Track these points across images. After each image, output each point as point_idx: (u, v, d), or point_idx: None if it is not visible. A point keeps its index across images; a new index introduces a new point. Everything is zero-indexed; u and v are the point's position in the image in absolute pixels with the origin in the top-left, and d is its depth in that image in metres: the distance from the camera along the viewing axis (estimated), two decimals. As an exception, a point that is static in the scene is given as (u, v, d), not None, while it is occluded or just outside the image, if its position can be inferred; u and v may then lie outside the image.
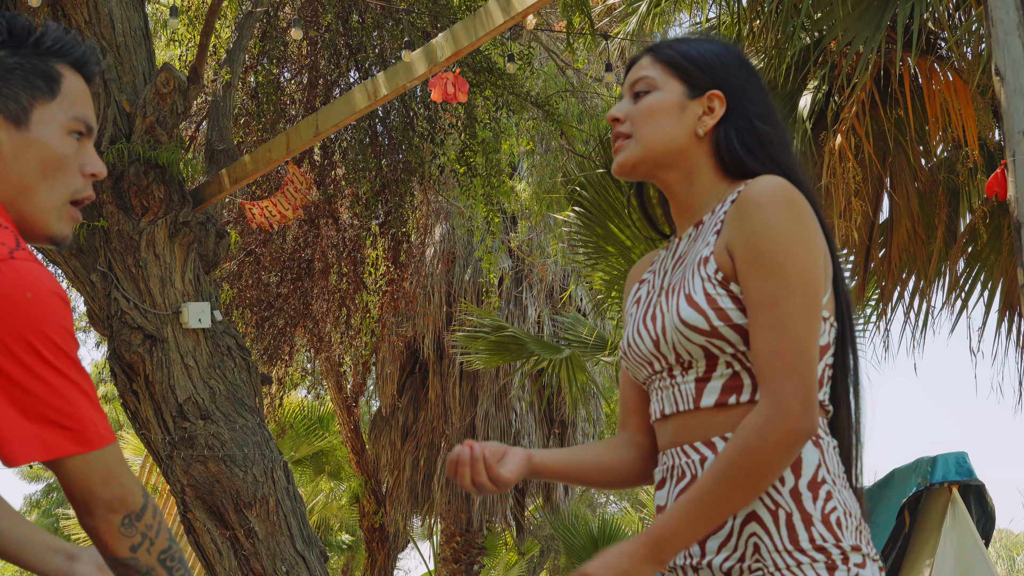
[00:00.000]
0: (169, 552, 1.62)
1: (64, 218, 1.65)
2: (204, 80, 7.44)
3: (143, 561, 1.61)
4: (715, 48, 1.93)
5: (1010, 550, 34.10)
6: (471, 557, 14.65)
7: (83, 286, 6.41)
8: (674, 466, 1.82)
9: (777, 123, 1.91)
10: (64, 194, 1.64)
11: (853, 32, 6.28)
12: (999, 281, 7.32)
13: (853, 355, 1.87)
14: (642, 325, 1.87)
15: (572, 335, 9.27)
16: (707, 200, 1.89)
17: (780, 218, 1.73)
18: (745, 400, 1.76)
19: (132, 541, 1.59)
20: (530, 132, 9.67)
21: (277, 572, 6.11)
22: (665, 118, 1.87)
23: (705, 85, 1.89)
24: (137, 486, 1.58)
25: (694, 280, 1.79)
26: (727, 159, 1.87)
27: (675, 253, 1.93)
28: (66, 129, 1.64)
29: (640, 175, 1.92)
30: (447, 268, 14.23)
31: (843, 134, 6.42)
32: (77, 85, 1.68)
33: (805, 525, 1.70)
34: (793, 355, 1.69)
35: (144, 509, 1.59)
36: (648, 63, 1.93)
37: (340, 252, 9.34)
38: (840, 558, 1.69)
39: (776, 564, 1.69)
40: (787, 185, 1.77)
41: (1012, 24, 3.88)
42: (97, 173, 1.67)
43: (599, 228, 7.68)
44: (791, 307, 1.70)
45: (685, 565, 1.80)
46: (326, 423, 17.12)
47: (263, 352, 9.78)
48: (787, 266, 1.71)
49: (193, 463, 6.09)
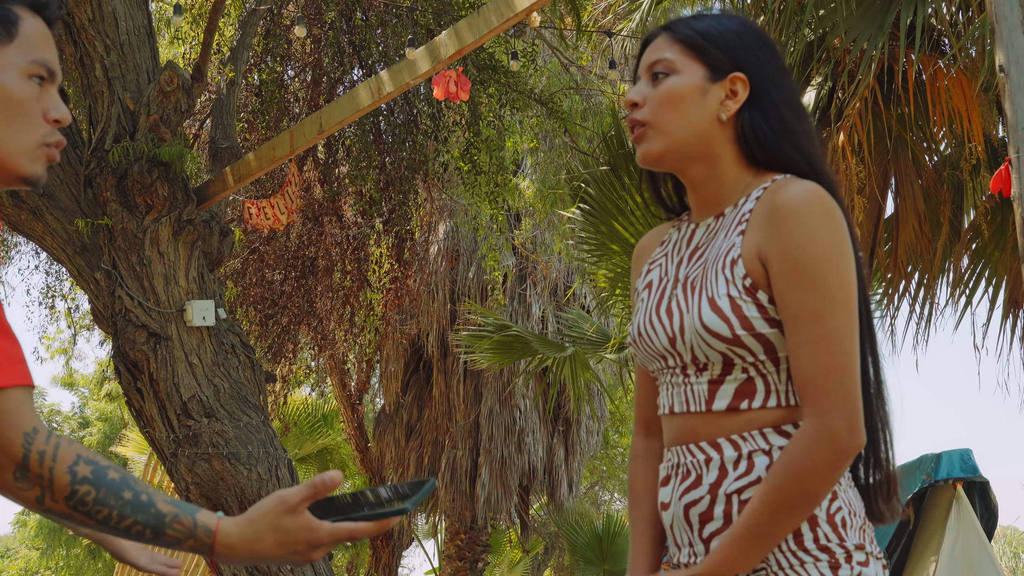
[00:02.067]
0: (76, 496, 1.48)
1: (38, 158, 1.58)
2: (208, 78, 7.45)
3: (56, 511, 1.50)
4: (735, 26, 1.84)
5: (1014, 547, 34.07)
6: (475, 555, 14.66)
7: (87, 284, 6.42)
8: (679, 464, 1.81)
9: (801, 109, 1.84)
10: (32, 138, 1.57)
11: (857, 30, 6.27)
12: (1003, 278, 7.32)
13: (873, 358, 1.83)
14: (655, 317, 1.83)
15: (576, 333, 9.27)
16: (729, 191, 1.83)
17: (820, 230, 1.68)
18: (757, 406, 1.74)
19: (34, 494, 1.49)
20: (534, 129, 9.66)
21: (281, 570, 6.12)
22: (687, 104, 1.79)
23: (727, 67, 1.80)
24: (15, 434, 1.46)
25: (717, 282, 1.74)
26: (753, 146, 1.80)
27: (691, 240, 1.88)
28: (25, 73, 1.56)
29: (665, 166, 1.85)
30: (451, 266, 14.23)
31: (846, 131, 6.42)
32: (37, 28, 1.59)
33: (810, 525, 1.69)
34: (840, 371, 1.66)
35: (27, 458, 1.47)
36: (666, 43, 1.85)
37: (344, 250, 9.35)
38: (844, 557, 1.69)
39: (780, 563, 1.69)
40: (822, 193, 1.72)
41: (1016, 21, 3.87)
42: (61, 119, 1.59)
43: (603, 225, 7.67)
44: (835, 322, 1.67)
45: (689, 563, 1.80)
46: (330, 421, 17.14)
47: (267, 350, 9.78)
48: (829, 280, 1.67)
49: (197, 461, 6.09)
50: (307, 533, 1.51)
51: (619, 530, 14.61)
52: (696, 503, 1.77)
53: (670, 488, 1.83)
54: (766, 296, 1.72)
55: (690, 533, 1.78)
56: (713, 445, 1.76)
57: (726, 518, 1.74)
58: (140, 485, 1.53)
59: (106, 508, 1.49)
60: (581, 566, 14.72)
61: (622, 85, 9.88)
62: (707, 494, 1.75)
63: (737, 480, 1.73)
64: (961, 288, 7.42)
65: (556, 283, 14.36)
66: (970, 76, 6.47)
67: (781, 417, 1.74)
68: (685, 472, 1.79)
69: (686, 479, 1.79)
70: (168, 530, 1.51)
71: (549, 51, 10.25)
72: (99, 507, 1.49)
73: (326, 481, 1.50)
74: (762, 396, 1.74)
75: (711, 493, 1.75)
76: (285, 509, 1.51)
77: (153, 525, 1.50)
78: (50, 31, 1.62)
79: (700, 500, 1.76)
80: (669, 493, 1.83)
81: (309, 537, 1.51)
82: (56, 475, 1.48)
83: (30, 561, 24.35)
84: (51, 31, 1.62)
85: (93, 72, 6.35)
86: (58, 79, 1.62)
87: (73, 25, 6.32)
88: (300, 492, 1.51)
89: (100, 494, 1.49)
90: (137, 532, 1.52)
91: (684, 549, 1.80)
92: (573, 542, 14.67)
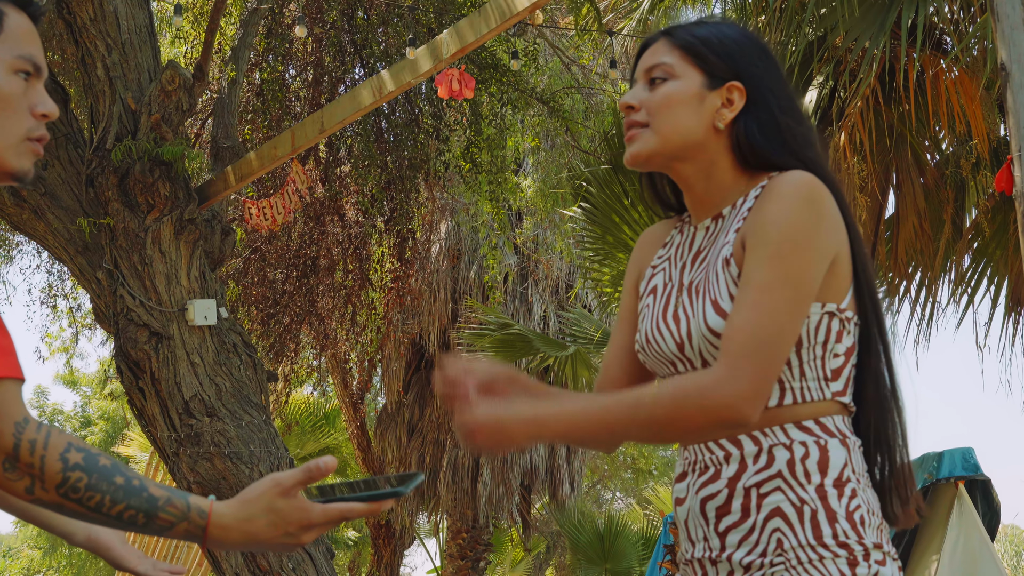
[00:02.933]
0: (68, 484, 1.48)
1: (24, 153, 1.59)
2: (209, 77, 7.45)
3: (47, 501, 1.50)
4: (734, 33, 1.85)
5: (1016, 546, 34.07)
6: (477, 554, 14.66)
7: (89, 283, 6.42)
8: (697, 460, 1.80)
9: (800, 116, 1.85)
10: (17, 132, 1.57)
11: (859, 29, 6.27)
12: (1005, 276, 7.32)
13: (886, 356, 1.82)
14: (662, 323, 1.83)
15: (578, 331, 9.27)
16: (726, 194, 1.84)
17: (797, 211, 1.69)
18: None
19: (24, 484, 1.49)
20: (535, 128, 9.66)
21: (283, 569, 6.12)
22: (683, 109, 1.80)
23: (725, 75, 1.82)
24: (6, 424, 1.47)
25: (719, 284, 1.75)
26: (747, 153, 1.81)
27: (692, 244, 1.88)
28: (10, 68, 1.57)
29: (654, 166, 1.86)
30: (452, 265, 14.23)
31: (847, 130, 6.42)
32: (22, 23, 1.60)
33: (829, 521, 1.69)
34: (769, 342, 1.65)
35: (17, 448, 1.47)
36: (665, 48, 1.85)
37: (346, 249, 9.35)
38: (862, 554, 1.68)
39: (799, 558, 1.69)
40: (815, 182, 1.72)
41: (1017, 20, 3.87)
42: (48, 113, 1.60)
43: (605, 224, 7.68)
44: (782, 296, 1.66)
45: (703, 558, 1.79)
46: (332, 420, 17.15)
47: (269, 349, 9.79)
48: (789, 258, 1.67)
49: (199, 460, 6.10)
50: (300, 514, 1.52)
51: (621, 529, 14.63)
52: (713, 496, 1.76)
53: (686, 484, 1.82)
54: None
55: (705, 527, 1.78)
56: (733, 442, 1.75)
57: (744, 512, 1.73)
58: (131, 472, 1.53)
59: (98, 494, 1.49)
60: (583, 565, 14.74)
61: (624, 84, 9.87)
62: (725, 487, 1.75)
63: (757, 474, 1.73)
64: (963, 286, 7.42)
65: (557, 282, 14.36)
66: (972, 75, 6.47)
67: (800, 413, 1.74)
68: (703, 467, 1.79)
69: (703, 474, 1.78)
70: (161, 514, 1.51)
71: (550, 50, 10.24)
72: (91, 493, 1.49)
73: (320, 466, 1.52)
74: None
75: (729, 487, 1.75)
76: (279, 491, 1.53)
77: (146, 509, 1.50)
78: (35, 27, 1.63)
79: (718, 494, 1.76)
80: (685, 488, 1.82)
81: (301, 518, 1.52)
82: (47, 463, 1.48)
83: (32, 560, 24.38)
84: (36, 27, 1.63)
85: (95, 71, 6.35)
86: (44, 74, 1.62)
87: (74, 24, 6.32)
88: (294, 475, 1.53)
89: (92, 480, 1.49)
90: (130, 517, 1.51)
91: (699, 544, 1.80)
92: (575, 541, 14.69)
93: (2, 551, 28.94)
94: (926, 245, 7.21)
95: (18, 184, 1.63)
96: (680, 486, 1.84)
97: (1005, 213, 7.02)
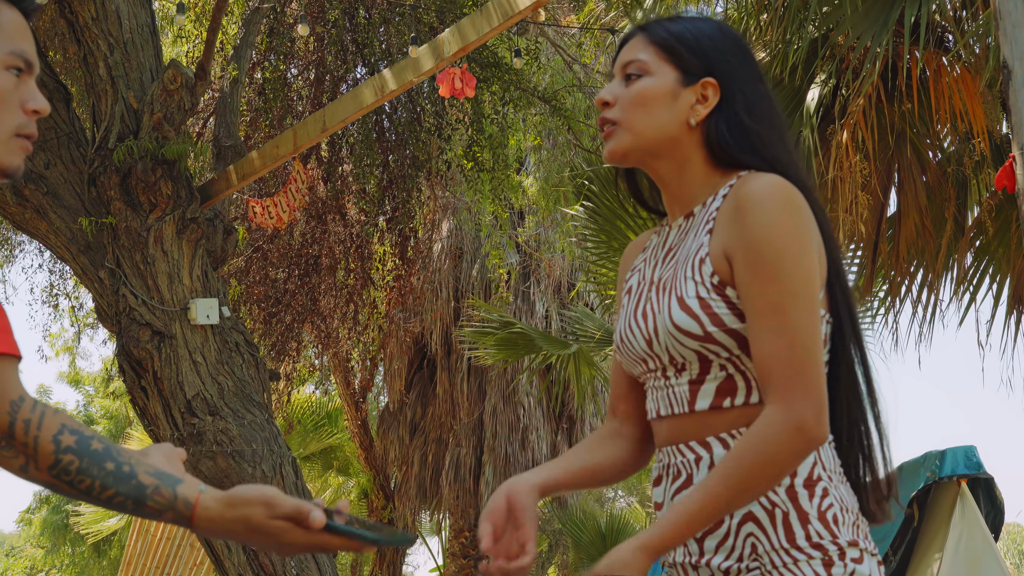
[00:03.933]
0: (60, 466, 1.50)
1: (12, 150, 1.58)
2: (211, 76, 7.45)
3: (40, 480, 1.52)
4: (710, 30, 1.85)
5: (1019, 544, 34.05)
6: (479, 552, 14.65)
7: (91, 283, 6.43)
8: (670, 464, 1.81)
9: (767, 116, 1.84)
10: (7, 128, 1.57)
11: (861, 27, 6.27)
12: (1007, 274, 7.30)
13: (859, 353, 1.82)
14: (633, 321, 1.84)
15: (580, 330, 9.27)
16: (699, 190, 1.84)
17: (780, 221, 1.69)
18: (740, 403, 1.74)
19: (19, 462, 1.51)
20: (537, 127, 9.66)
21: (286, 568, 6.13)
22: (656, 106, 1.81)
23: (699, 72, 1.82)
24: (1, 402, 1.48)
25: (686, 282, 1.75)
26: (717, 151, 1.81)
27: (665, 243, 1.89)
28: (2, 64, 1.57)
29: (631, 163, 1.87)
30: (454, 263, 14.24)
31: (849, 128, 6.42)
32: (14, 19, 1.59)
33: (802, 523, 1.69)
34: (803, 362, 1.66)
35: (12, 427, 1.49)
36: (641, 44, 1.86)
37: (347, 248, 9.36)
38: (837, 554, 1.68)
39: (773, 562, 1.69)
40: (784, 185, 1.72)
41: (1020, 17, 3.87)
42: (39, 109, 1.60)
43: (607, 223, 7.68)
44: (796, 313, 1.67)
45: (684, 563, 1.79)
46: (334, 419, 17.15)
47: (271, 348, 9.79)
48: (789, 272, 1.67)
49: (202, 459, 6.10)
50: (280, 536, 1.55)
51: (623, 528, 14.62)
52: None
53: (662, 488, 1.83)
54: (735, 293, 1.72)
55: None
56: (703, 444, 1.76)
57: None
58: (123, 456, 1.54)
59: (88, 478, 1.51)
60: (585, 564, 14.73)
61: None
62: None
63: None
64: (965, 285, 7.41)
65: (560, 280, 14.36)
66: (974, 73, 6.46)
67: None
68: (676, 472, 1.80)
69: (677, 479, 1.79)
70: (149, 502, 1.53)
71: (552, 48, 10.24)
72: (82, 477, 1.51)
73: (315, 517, 1.52)
74: (744, 393, 1.74)
75: None
76: (269, 514, 1.54)
77: (134, 496, 1.52)
78: (27, 22, 1.62)
79: None
80: (662, 493, 1.83)
81: (280, 539, 1.55)
82: (40, 444, 1.50)
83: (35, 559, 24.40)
84: (28, 22, 1.62)
85: (96, 71, 6.35)
86: (36, 70, 1.62)
87: (76, 24, 6.33)
88: (287, 507, 1.53)
89: (83, 464, 1.51)
90: (119, 503, 1.53)
91: (680, 549, 1.80)
92: (577, 540, 14.68)
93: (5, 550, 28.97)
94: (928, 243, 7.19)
95: (7, 180, 1.62)
96: (657, 490, 1.85)
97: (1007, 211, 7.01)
